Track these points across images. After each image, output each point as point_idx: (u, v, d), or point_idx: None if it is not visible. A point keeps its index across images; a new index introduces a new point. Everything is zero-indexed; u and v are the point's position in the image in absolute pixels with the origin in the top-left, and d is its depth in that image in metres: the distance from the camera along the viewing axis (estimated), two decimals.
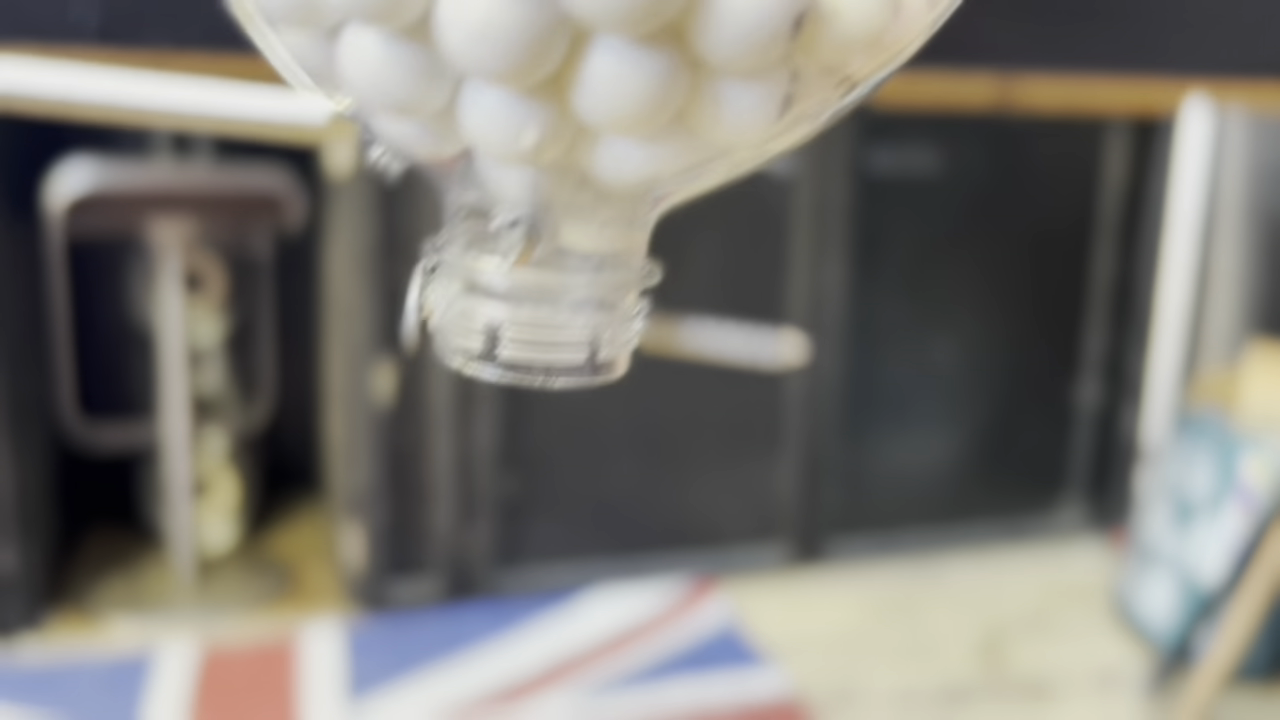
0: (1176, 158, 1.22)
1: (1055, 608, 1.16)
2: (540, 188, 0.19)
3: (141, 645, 1.00)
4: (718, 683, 1.00)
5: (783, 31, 0.16)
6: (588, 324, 0.22)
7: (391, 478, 1.05)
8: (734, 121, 0.17)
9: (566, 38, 0.16)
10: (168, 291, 1.03)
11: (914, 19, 0.20)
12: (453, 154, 0.20)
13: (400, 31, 0.17)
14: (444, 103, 0.18)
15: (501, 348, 0.22)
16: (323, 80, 0.20)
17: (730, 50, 0.16)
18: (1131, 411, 1.26)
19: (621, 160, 0.18)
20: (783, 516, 1.19)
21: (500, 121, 0.18)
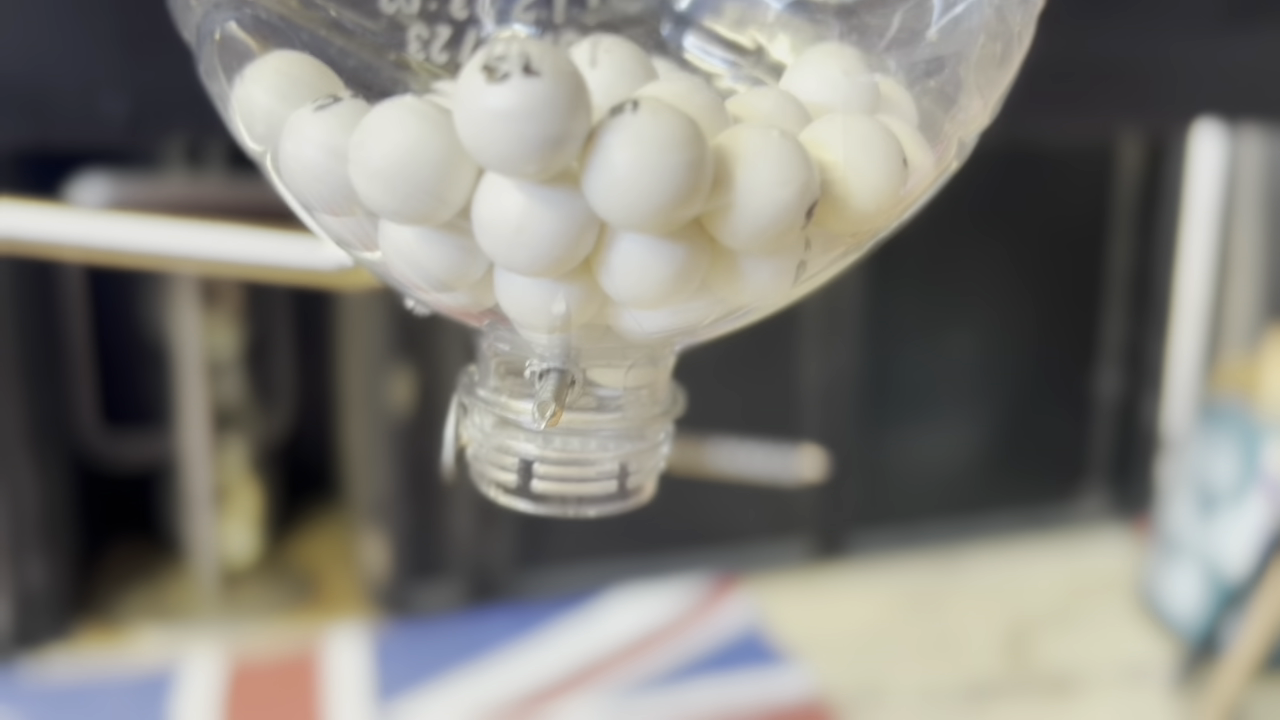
0: (1193, 144, 1.21)
1: (1079, 600, 1.15)
2: (569, 343, 0.20)
3: (167, 656, 1.01)
4: (742, 682, 1.00)
5: (797, 221, 0.18)
6: (617, 455, 0.23)
7: (411, 484, 1.05)
8: (753, 290, 0.19)
9: (595, 234, 0.17)
10: (184, 304, 1.03)
11: (923, 179, 0.21)
12: (482, 311, 0.21)
13: (438, 228, 0.18)
14: (478, 277, 0.19)
15: (535, 482, 0.24)
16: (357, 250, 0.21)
17: (748, 239, 0.18)
18: (1152, 400, 1.26)
19: (645, 323, 0.20)
20: (802, 513, 1.19)
21: (532, 299, 0.19)
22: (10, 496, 0.97)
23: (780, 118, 0.20)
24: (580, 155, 0.17)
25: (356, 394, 1.11)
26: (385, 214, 0.18)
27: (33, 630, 1.01)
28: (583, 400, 0.22)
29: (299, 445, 1.22)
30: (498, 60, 0.17)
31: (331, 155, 0.19)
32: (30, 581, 1.00)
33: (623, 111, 0.17)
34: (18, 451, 0.97)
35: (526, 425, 0.22)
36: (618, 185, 0.17)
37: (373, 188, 0.18)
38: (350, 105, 0.19)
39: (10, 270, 0.94)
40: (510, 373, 0.22)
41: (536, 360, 0.22)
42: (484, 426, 0.23)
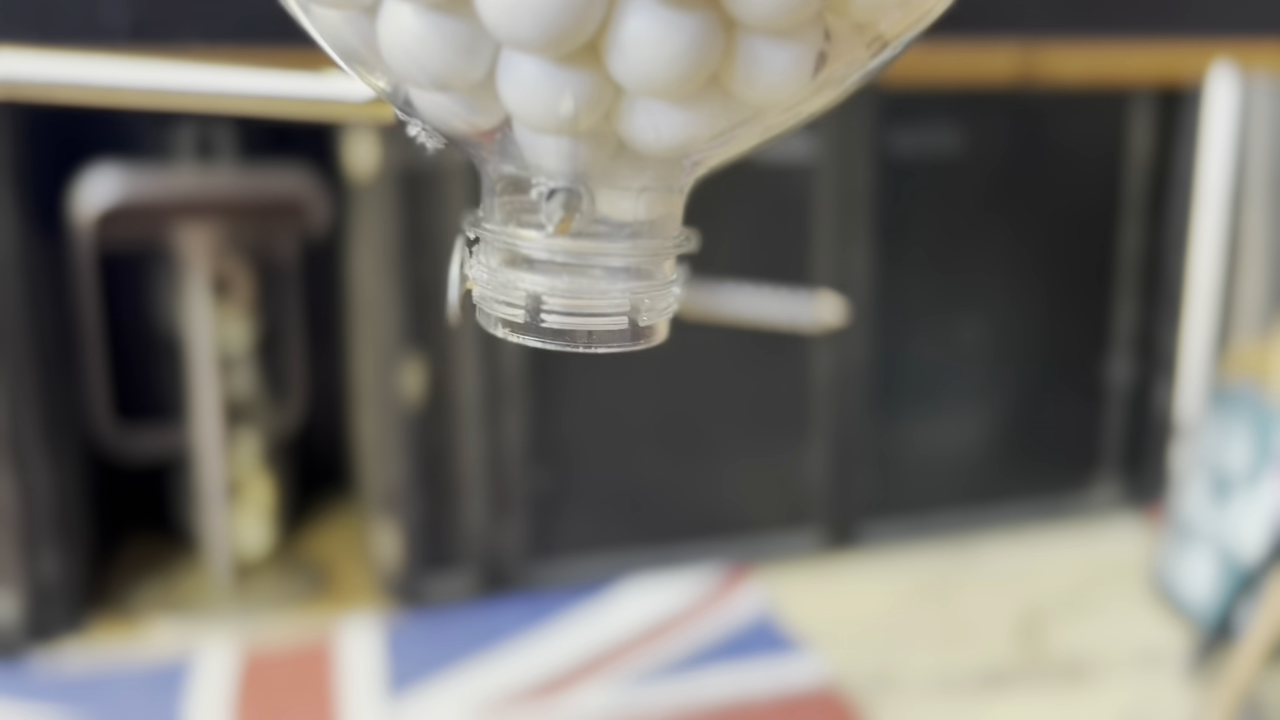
0: (1203, 129, 1.20)
1: (1093, 587, 1.15)
2: (578, 157, 0.19)
3: (181, 647, 1.01)
4: (755, 671, 1.00)
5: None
6: (627, 291, 0.22)
7: (423, 475, 1.06)
8: (769, 81, 0.17)
9: (604, 2, 0.16)
10: (196, 298, 1.04)
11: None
12: (491, 126, 0.20)
13: (439, 5, 0.17)
14: (482, 75, 0.18)
15: (543, 317, 0.22)
16: (359, 59, 0.20)
17: (763, 8, 0.16)
18: (1165, 387, 1.25)
19: (658, 124, 0.18)
20: (814, 502, 1.18)
21: (538, 91, 0.18)
22: (25, 490, 0.97)
23: None
24: None
25: (368, 386, 1.11)
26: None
27: (47, 622, 1.01)
28: (593, 229, 0.21)
29: (311, 438, 1.22)
30: None
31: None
32: (44, 574, 1.00)
33: None
34: (32, 446, 0.97)
35: (535, 255, 0.21)
36: None
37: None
38: None
39: (24, 266, 0.94)
40: (518, 208, 0.21)
41: (545, 179, 0.21)
42: (490, 264, 0.22)
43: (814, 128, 1.09)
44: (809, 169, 1.10)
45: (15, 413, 0.95)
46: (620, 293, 0.22)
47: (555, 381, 1.07)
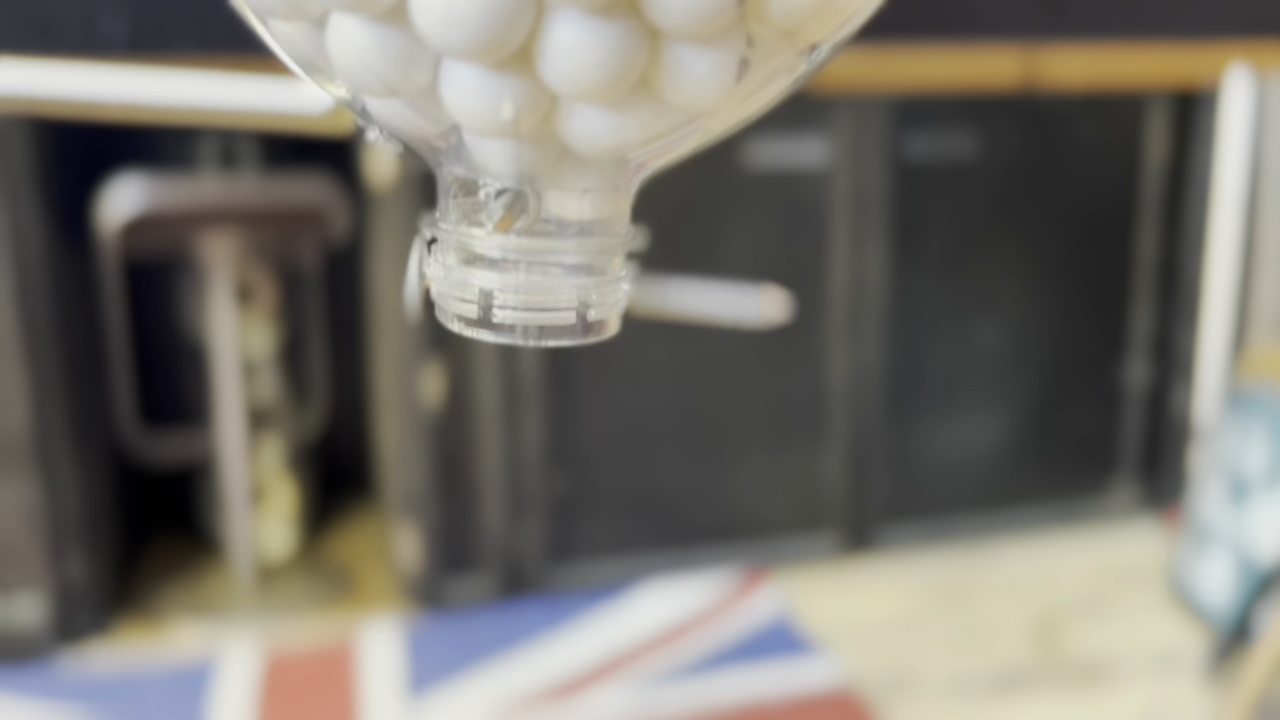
0: (1219, 131, 1.20)
1: (1110, 590, 1.15)
2: (522, 158, 0.20)
3: (206, 649, 1.03)
4: (771, 673, 1.01)
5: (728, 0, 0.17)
6: (577, 287, 0.23)
7: (443, 479, 1.07)
8: (694, 86, 0.18)
9: (531, 13, 0.17)
10: (220, 305, 1.05)
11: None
12: (440, 130, 0.21)
13: (379, 17, 0.18)
14: (426, 82, 0.19)
15: (495, 312, 0.23)
16: (315, 68, 0.21)
17: (681, 18, 0.17)
18: (1182, 389, 1.25)
19: (594, 127, 0.19)
20: (831, 506, 1.19)
21: (478, 96, 0.19)
22: (52, 495, 0.99)
23: None
24: None
25: (389, 392, 1.13)
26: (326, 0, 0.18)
27: (74, 625, 1.03)
28: (541, 226, 0.22)
29: (333, 442, 1.24)
30: None
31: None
32: (72, 577, 1.02)
33: None
34: (59, 451, 0.99)
35: (486, 254, 0.22)
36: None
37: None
38: None
39: (52, 275, 0.96)
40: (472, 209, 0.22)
41: (492, 180, 0.21)
42: (446, 262, 0.23)
43: (829, 132, 1.10)
44: (824, 173, 1.11)
45: (43, 419, 0.97)
46: (569, 289, 0.23)
47: (573, 386, 1.08)
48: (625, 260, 0.24)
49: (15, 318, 0.93)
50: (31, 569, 0.99)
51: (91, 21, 0.31)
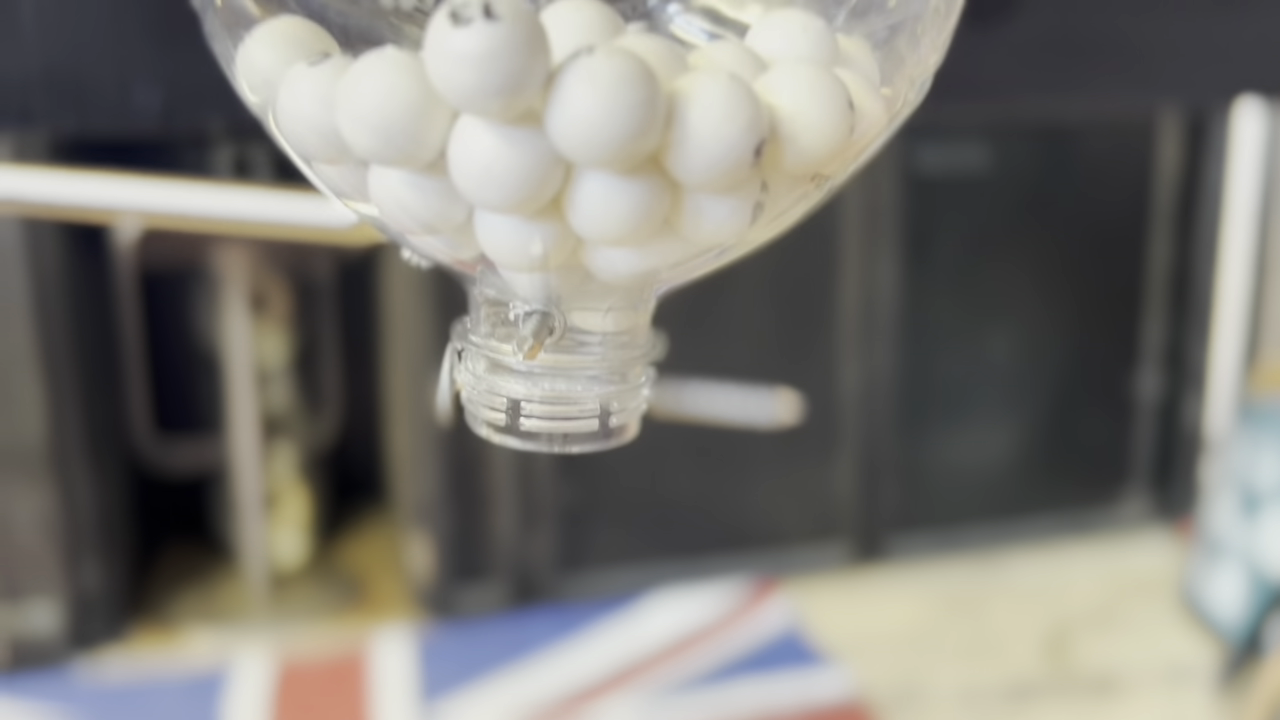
0: (1232, 144, 1.20)
1: (1121, 602, 1.15)
2: (550, 285, 0.21)
3: (219, 656, 1.03)
4: (782, 684, 1.01)
5: (746, 159, 0.18)
6: (599, 396, 0.24)
7: (455, 488, 1.07)
8: (712, 228, 0.20)
9: (560, 173, 0.18)
10: (234, 314, 1.06)
11: (873, 124, 0.21)
12: (472, 258, 0.22)
13: (420, 170, 0.19)
14: (461, 221, 0.20)
15: (523, 420, 0.24)
16: (353, 200, 0.22)
17: (701, 176, 0.18)
18: (1194, 402, 1.25)
19: (617, 263, 0.21)
20: (842, 516, 1.19)
21: (509, 238, 0.20)
22: (68, 502, 1.00)
23: (735, 66, 0.21)
24: (541, 96, 0.19)
25: (402, 401, 1.13)
26: (370, 157, 0.20)
27: (89, 631, 1.04)
28: (565, 342, 0.23)
29: (346, 451, 1.24)
30: (462, 6, 0.18)
31: (322, 105, 0.20)
32: (86, 584, 1.03)
33: (579, 55, 0.19)
34: (75, 459, 1.00)
35: (514, 367, 0.24)
36: (575, 122, 0.18)
37: (357, 131, 0.19)
38: (339, 60, 0.21)
39: (69, 285, 0.97)
40: (501, 322, 0.24)
41: (521, 303, 0.23)
42: (476, 370, 0.25)
43: None
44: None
45: (60, 427, 0.98)
46: (592, 398, 0.24)
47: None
48: (645, 368, 0.25)
49: (32, 328, 0.94)
50: (47, 576, 1.00)
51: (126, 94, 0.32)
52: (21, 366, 0.95)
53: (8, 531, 0.97)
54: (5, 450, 0.96)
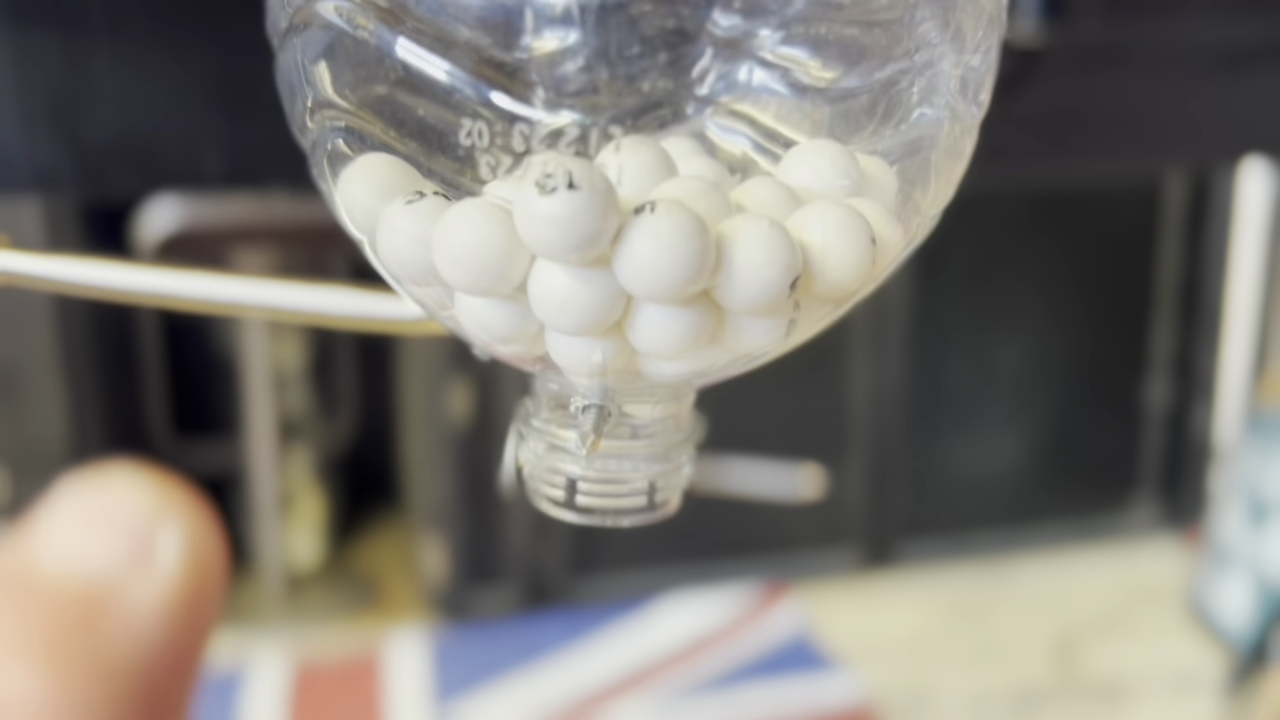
0: (1233, 164, 1.21)
1: (1129, 609, 1.16)
2: (606, 384, 0.24)
3: (235, 657, 1.05)
4: (791, 688, 1.02)
5: (783, 292, 0.22)
6: (647, 475, 0.27)
7: (469, 493, 1.08)
8: (751, 343, 0.25)
9: (624, 303, 0.22)
10: (253, 320, 1.07)
11: (891, 252, 0.25)
12: (535, 359, 0.25)
13: (504, 299, 0.23)
14: (533, 335, 0.23)
15: (579, 497, 0.28)
16: (435, 311, 0.25)
17: (745, 305, 0.22)
18: (1203, 410, 1.26)
19: (667, 369, 0.25)
20: (851, 521, 1.20)
21: (575, 352, 0.24)
22: None
23: (774, 205, 0.25)
24: (611, 245, 0.23)
25: (416, 406, 1.14)
26: (460, 289, 0.23)
27: None
28: (618, 430, 0.27)
29: (361, 455, 1.26)
30: (547, 177, 0.22)
31: (418, 242, 0.24)
32: None
33: (643, 211, 0.23)
34: (95, 461, 1.01)
35: (572, 450, 0.27)
36: (640, 269, 0.22)
37: (452, 269, 0.23)
38: (432, 201, 0.25)
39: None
40: (558, 407, 0.27)
41: (580, 398, 0.26)
42: (537, 451, 0.28)
43: None
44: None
45: (81, 428, 1.00)
46: (641, 477, 0.27)
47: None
48: (687, 448, 0.29)
49: (55, 332, 0.96)
50: None
51: (194, 159, 0.33)
52: (44, 370, 0.96)
53: None
54: (27, 450, 0.98)
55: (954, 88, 0.26)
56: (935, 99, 0.26)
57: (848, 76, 0.25)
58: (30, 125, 0.32)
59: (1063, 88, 0.32)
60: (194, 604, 0.21)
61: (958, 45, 0.26)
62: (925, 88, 0.26)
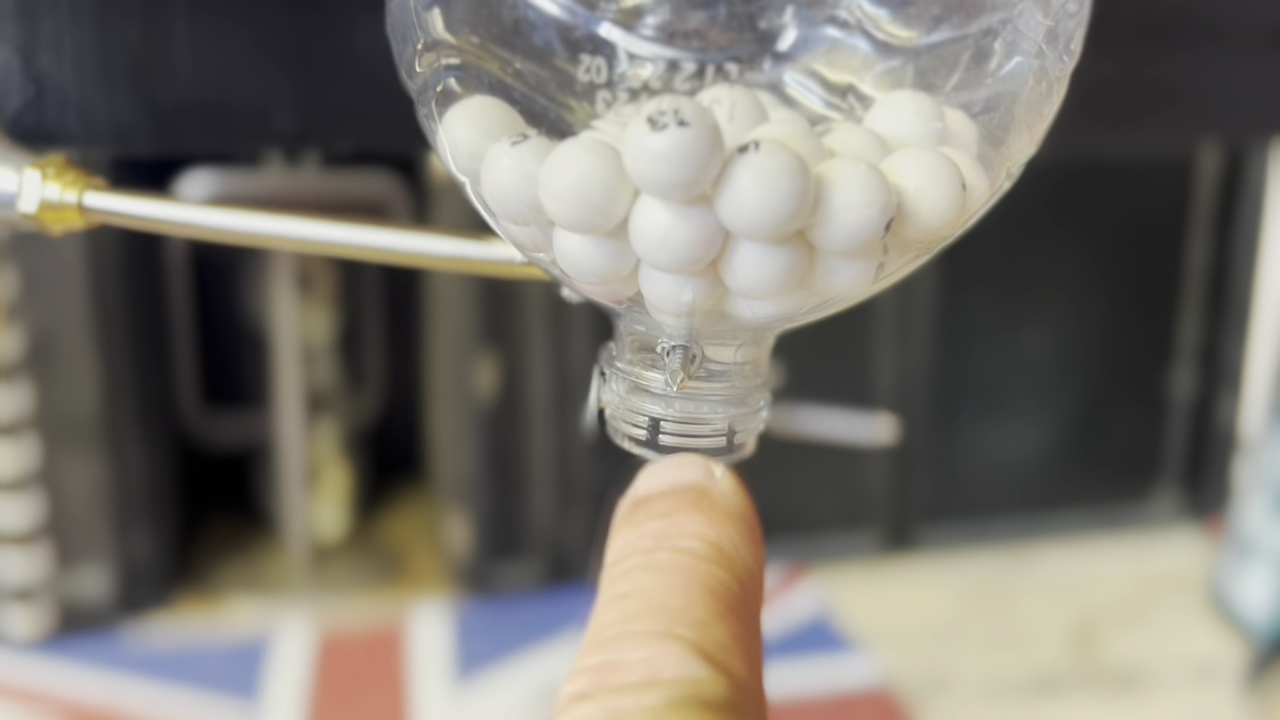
0: (1275, 139, 1.20)
1: (1149, 598, 1.16)
2: (693, 325, 0.25)
3: (261, 626, 1.06)
4: (810, 669, 1.03)
5: (878, 234, 0.22)
6: (726, 418, 0.28)
7: (494, 467, 1.09)
8: (841, 285, 0.25)
9: (721, 239, 0.22)
10: (281, 292, 1.08)
11: (979, 199, 0.25)
12: (625, 298, 0.25)
13: (604, 236, 0.23)
14: (627, 273, 0.24)
15: (661, 436, 0.29)
16: (531, 251, 0.26)
17: (839, 246, 0.22)
18: (1229, 400, 1.25)
19: (755, 310, 0.24)
20: (873, 505, 1.20)
21: (668, 290, 0.24)
22: (120, 472, 1.03)
23: (865, 151, 0.25)
24: (714, 183, 0.23)
25: (443, 380, 1.15)
26: (564, 225, 0.23)
27: (137, 598, 1.07)
28: (700, 372, 0.28)
29: (388, 428, 1.27)
30: (659, 114, 0.22)
31: (525, 179, 0.24)
32: (135, 552, 1.05)
33: (748, 150, 0.23)
34: (127, 430, 1.02)
35: (655, 391, 0.28)
36: (743, 206, 0.23)
37: (557, 205, 0.24)
38: (537, 141, 0.25)
39: (120, 262, 0.99)
40: (643, 349, 0.28)
41: (666, 339, 0.27)
42: (620, 392, 0.29)
43: None
44: None
45: (113, 400, 1.01)
46: (720, 419, 0.28)
47: None
48: (764, 394, 0.29)
49: (89, 305, 0.97)
50: (98, 543, 1.03)
51: (266, 118, 0.34)
52: (78, 341, 0.98)
53: (62, 499, 1.00)
54: (61, 421, 0.99)
55: (1042, 38, 0.26)
56: (1023, 49, 0.26)
57: (935, 31, 0.26)
58: (110, 82, 0.33)
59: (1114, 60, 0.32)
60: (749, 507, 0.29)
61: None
62: (1012, 39, 0.26)
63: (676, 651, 0.24)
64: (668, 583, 0.26)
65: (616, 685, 0.24)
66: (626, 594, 0.27)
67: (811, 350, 1.14)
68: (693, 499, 0.29)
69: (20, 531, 1.00)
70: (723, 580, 0.27)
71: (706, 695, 0.23)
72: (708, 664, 0.24)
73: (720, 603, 0.26)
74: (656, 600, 0.26)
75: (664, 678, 0.24)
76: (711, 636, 0.25)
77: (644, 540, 0.28)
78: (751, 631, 0.28)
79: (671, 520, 0.28)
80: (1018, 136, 0.27)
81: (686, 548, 0.27)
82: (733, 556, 0.28)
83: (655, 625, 0.25)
